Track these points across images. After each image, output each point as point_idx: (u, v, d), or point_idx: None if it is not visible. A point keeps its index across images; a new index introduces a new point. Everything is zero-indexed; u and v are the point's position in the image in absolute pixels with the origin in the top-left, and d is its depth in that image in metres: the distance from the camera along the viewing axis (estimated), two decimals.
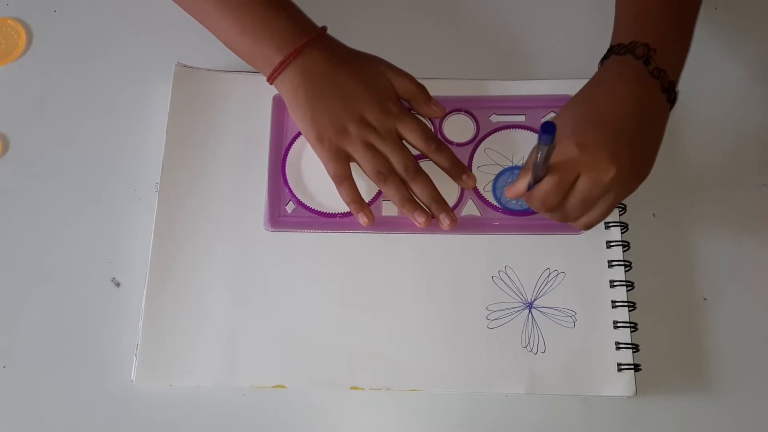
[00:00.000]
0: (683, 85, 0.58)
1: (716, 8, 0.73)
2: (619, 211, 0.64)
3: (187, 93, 0.67)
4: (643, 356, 0.60)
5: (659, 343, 0.61)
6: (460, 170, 0.64)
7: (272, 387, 0.59)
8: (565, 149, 0.53)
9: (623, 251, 0.62)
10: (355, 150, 0.61)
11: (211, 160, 0.65)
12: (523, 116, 0.67)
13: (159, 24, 0.72)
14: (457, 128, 0.67)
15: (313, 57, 0.61)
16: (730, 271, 0.64)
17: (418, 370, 0.60)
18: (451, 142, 0.66)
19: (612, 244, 0.63)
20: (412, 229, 0.63)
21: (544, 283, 0.62)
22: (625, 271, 0.62)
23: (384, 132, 0.62)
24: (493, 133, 0.66)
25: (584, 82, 0.59)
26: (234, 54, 0.64)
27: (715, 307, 0.63)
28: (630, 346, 0.60)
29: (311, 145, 0.63)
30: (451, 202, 0.64)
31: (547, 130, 0.48)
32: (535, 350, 0.60)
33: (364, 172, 0.62)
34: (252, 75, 0.67)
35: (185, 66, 0.68)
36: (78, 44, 0.71)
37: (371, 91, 0.62)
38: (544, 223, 0.63)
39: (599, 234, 0.63)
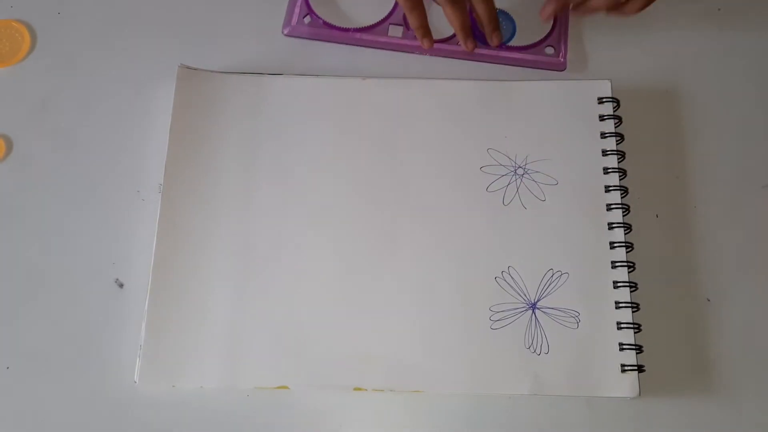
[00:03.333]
0: (686, 85, 0.58)
1: (719, 9, 0.73)
2: (623, 212, 0.63)
3: (191, 94, 0.67)
4: (646, 357, 0.60)
5: (663, 344, 0.61)
6: (494, 25, 0.69)
7: (275, 388, 0.59)
8: None
9: (627, 252, 0.62)
10: None
11: (215, 161, 0.65)
12: None
13: (162, 26, 0.72)
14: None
15: None
16: (735, 272, 0.64)
17: (421, 371, 0.59)
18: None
19: (615, 245, 0.63)
20: (410, 49, 0.70)
21: (548, 284, 0.62)
22: (629, 272, 0.62)
23: None
24: None
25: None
26: (237, 56, 0.64)
27: (719, 308, 0.63)
28: (634, 347, 0.60)
29: None
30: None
31: None
32: (538, 351, 0.60)
33: None
34: (255, 76, 0.67)
35: (188, 68, 0.68)
36: (82, 46, 0.71)
37: None
38: (535, 59, 0.69)
39: (602, 235, 0.63)
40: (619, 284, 0.61)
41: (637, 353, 0.59)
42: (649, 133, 0.68)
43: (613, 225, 0.63)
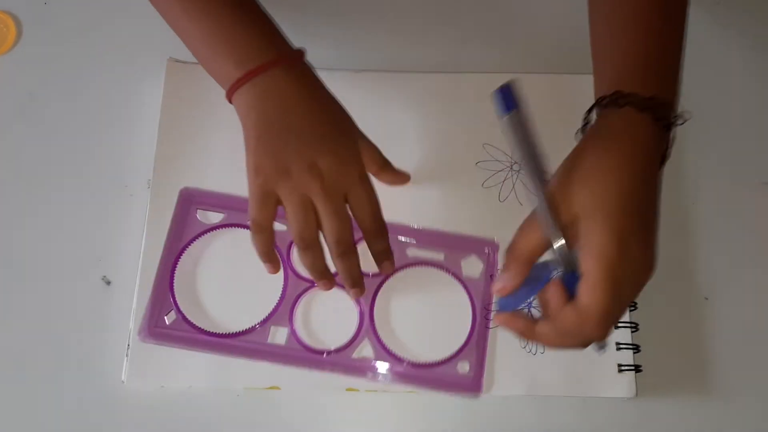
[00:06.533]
0: (683, 78, 0.57)
1: (717, 3, 0.72)
2: None
3: (180, 88, 0.66)
4: (643, 357, 0.59)
5: (660, 343, 0.60)
6: (385, 257, 0.56)
7: (266, 388, 0.58)
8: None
9: None
10: (289, 199, 0.52)
11: (204, 156, 0.64)
12: (442, 255, 0.62)
13: (151, 18, 0.69)
14: (368, 257, 0.57)
15: (277, 80, 0.53)
16: (732, 270, 0.63)
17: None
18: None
19: None
20: (292, 362, 0.58)
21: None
22: None
23: (331, 190, 0.52)
24: (405, 268, 0.61)
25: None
26: None
27: (716, 306, 0.62)
28: (630, 346, 0.59)
29: (247, 175, 0.53)
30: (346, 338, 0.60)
31: (505, 93, 0.41)
32: (534, 351, 0.59)
33: (287, 226, 0.53)
34: None
35: (177, 61, 0.67)
36: (68, 38, 0.70)
37: (334, 139, 0.53)
38: (446, 380, 0.58)
39: None
40: None
41: (634, 353, 0.59)
42: None
43: None
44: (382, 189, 0.61)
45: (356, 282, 0.55)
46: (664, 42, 0.53)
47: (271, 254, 0.55)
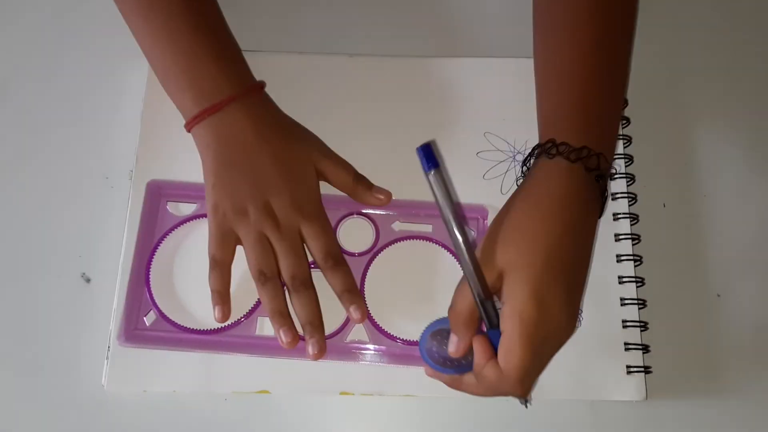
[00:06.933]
0: (696, 64, 0.55)
1: None
2: (629, 202, 0.60)
3: None
4: (653, 358, 0.57)
5: (671, 343, 0.59)
6: (350, 299, 0.55)
7: (255, 393, 0.56)
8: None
9: (633, 245, 0.60)
10: (247, 237, 0.54)
11: (189, 145, 0.60)
12: (430, 226, 0.59)
13: None
14: (354, 234, 0.58)
15: (234, 119, 0.55)
16: (747, 266, 0.62)
17: (413, 374, 0.56)
18: (345, 251, 0.58)
19: (621, 237, 0.60)
20: (286, 353, 0.55)
21: None
22: (635, 266, 0.59)
23: (285, 228, 0.54)
24: (393, 243, 0.59)
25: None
26: None
27: (729, 304, 0.61)
28: (640, 346, 0.57)
29: (206, 212, 0.55)
30: (338, 322, 0.57)
31: (427, 152, 0.43)
32: None
33: (248, 265, 0.55)
34: None
35: None
36: (46, 24, 0.67)
37: (287, 178, 0.55)
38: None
39: (607, 226, 0.60)
40: (624, 279, 0.59)
41: (643, 353, 0.57)
42: (656, 116, 0.65)
43: (618, 215, 0.60)
44: (381, 179, 0.59)
45: (311, 319, 0.54)
46: (603, 90, 0.54)
47: (225, 296, 0.55)
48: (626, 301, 0.58)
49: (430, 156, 0.43)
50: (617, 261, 0.59)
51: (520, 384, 0.47)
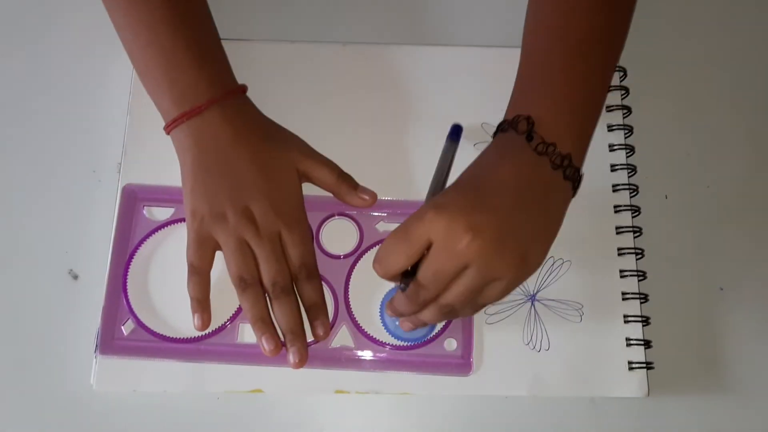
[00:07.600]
0: (704, 60, 0.53)
1: None
2: (630, 193, 0.59)
3: None
4: (655, 353, 0.57)
5: (673, 338, 0.58)
6: (315, 314, 0.54)
7: (248, 392, 0.55)
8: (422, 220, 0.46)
9: (634, 237, 0.59)
10: (226, 243, 0.53)
11: None
12: None
13: None
14: (338, 236, 0.58)
15: (212, 123, 0.54)
16: (749, 259, 0.61)
17: (408, 372, 0.55)
18: (328, 254, 0.57)
19: (622, 229, 0.59)
20: (268, 361, 0.54)
21: (548, 273, 0.58)
22: (637, 260, 0.58)
23: (265, 233, 0.53)
24: (378, 244, 0.57)
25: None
26: None
27: (732, 298, 0.60)
28: (642, 342, 0.56)
29: (185, 217, 0.55)
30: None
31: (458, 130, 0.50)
32: (538, 348, 0.56)
33: (228, 271, 0.54)
34: (223, 42, 0.61)
35: None
36: (30, 12, 0.66)
37: (267, 182, 0.54)
38: (433, 361, 0.55)
39: (608, 219, 0.59)
40: (626, 273, 0.58)
41: (645, 349, 0.56)
42: (658, 105, 0.64)
43: (620, 207, 0.59)
44: (374, 173, 0.58)
45: (292, 327, 0.53)
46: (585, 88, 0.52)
47: (204, 303, 0.54)
48: (628, 296, 0.57)
49: (455, 132, 0.51)
50: (618, 254, 0.58)
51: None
